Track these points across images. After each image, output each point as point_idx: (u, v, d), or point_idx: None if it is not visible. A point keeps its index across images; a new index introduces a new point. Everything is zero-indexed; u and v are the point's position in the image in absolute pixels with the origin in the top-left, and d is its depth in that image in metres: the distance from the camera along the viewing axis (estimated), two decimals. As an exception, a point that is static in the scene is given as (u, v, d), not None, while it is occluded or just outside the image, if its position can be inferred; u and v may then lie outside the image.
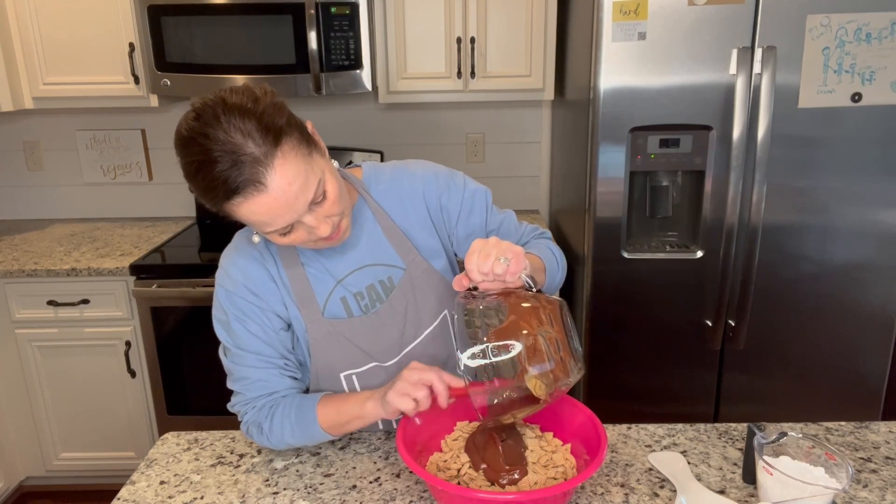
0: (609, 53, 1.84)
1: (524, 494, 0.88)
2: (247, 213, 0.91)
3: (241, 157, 0.86)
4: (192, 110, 0.89)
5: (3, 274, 2.23)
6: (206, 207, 0.94)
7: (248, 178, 0.86)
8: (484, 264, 0.90)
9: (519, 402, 0.94)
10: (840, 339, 2.03)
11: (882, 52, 1.80)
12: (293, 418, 1.07)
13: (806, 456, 0.93)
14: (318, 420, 1.05)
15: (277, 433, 1.08)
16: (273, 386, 1.10)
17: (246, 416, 1.11)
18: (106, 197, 2.85)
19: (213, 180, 0.87)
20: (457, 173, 1.19)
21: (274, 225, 0.92)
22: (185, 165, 0.90)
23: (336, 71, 2.24)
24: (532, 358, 0.89)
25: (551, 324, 0.91)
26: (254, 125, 0.87)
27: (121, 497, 1.04)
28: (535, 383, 0.90)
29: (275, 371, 1.10)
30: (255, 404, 1.10)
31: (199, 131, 0.86)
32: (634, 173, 1.96)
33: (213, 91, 0.91)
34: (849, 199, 1.92)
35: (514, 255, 0.91)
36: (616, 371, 2.10)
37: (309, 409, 1.06)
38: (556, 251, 1.20)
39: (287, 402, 1.08)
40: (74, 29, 2.30)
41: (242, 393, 1.11)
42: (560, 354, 0.90)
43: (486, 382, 0.93)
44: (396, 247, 1.13)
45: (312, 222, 0.95)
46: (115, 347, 2.31)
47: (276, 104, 0.91)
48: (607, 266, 2.00)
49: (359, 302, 1.12)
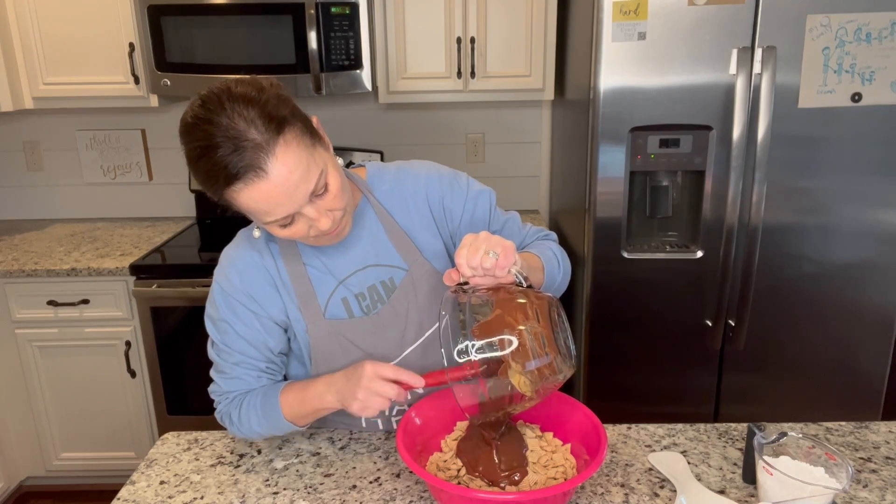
0: (609, 53, 1.84)
1: (524, 494, 0.88)
2: (247, 201, 0.90)
3: (243, 142, 0.86)
4: (197, 98, 0.91)
5: (3, 274, 2.23)
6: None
7: (249, 163, 0.87)
8: (473, 258, 0.90)
9: (507, 398, 0.94)
10: (840, 339, 2.03)
11: (882, 52, 1.80)
12: (259, 408, 1.09)
13: (806, 456, 0.93)
14: (281, 409, 1.08)
15: (246, 422, 1.10)
16: (249, 385, 1.12)
17: (219, 406, 1.14)
18: (106, 197, 2.84)
19: (214, 165, 0.87)
20: (460, 174, 1.19)
21: (274, 214, 0.92)
22: (188, 151, 0.90)
23: (336, 71, 2.24)
24: (516, 354, 0.88)
25: (538, 319, 0.90)
26: (257, 113, 0.87)
27: (121, 497, 1.04)
28: (520, 379, 0.89)
29: (254, 373, 1.12)
30: (227, 396, 1.13)
31: (204, 117, 0.87)
32: (634, 173, 1.96)
33: (219, 81, 0.92)
34: (849, 199, 1.92)
35: (504, 250, 0.91)
36: (616, 371, 2.09)
37: (273, 397, 1.08)
38: (558, 252, 1.19)
39: (254, 393, 1.11)
40: (74, 29, 2.30)
41: (219, 384, 1.13)
42: (545, 350, 0.89)
43: (466, 368, 0.93)
44: (399, 247, 1.13)
45: (313, 214, 0.95)
46: (115, 347, 2.31)
47: (280, 95, 0.92)
48: (607, 266, 2.00)
49: (360, 303, 1.12)
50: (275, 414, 1.07)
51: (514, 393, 0.92)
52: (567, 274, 1.20)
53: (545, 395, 0.93)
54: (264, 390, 1.10)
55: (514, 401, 0.94)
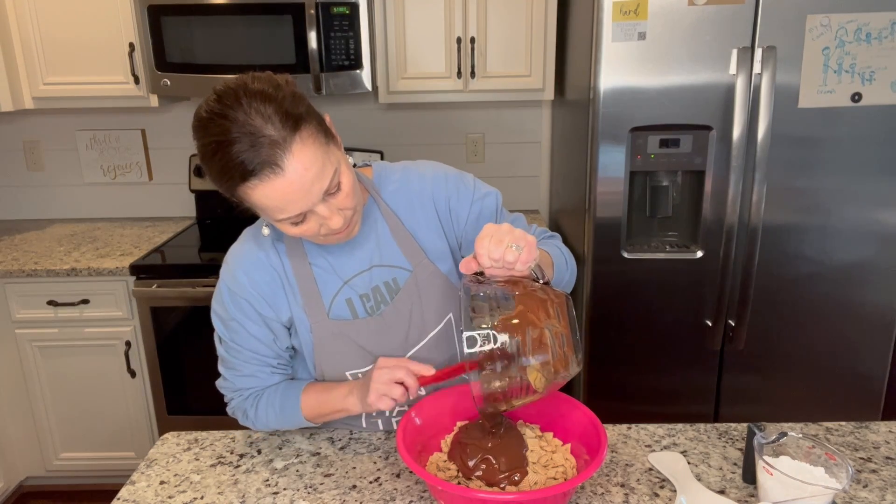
0: (609, 53, 1.84)
1: (524, 494, 0.88)
2: (261, 198, 0.90)
3: (260, 138, 0.86)
4: (213, 93, 0.90)
5: (3, 274, 2.23)
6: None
7: (266, 159, 0.86)
8: (495, 250, 0.89)
9: (516, 391, 0.94)
10: (840, 339, 2.03)
11: (882, 52, 1.80)
12: (277, 406, 1.11)
13: (806, 456, 0.93)
14: (301, 409, 1.10)
15: (262, 419, 1.13)
16: (262, 382, 1.14)
17: (232, 402, 1.16)
18: (106, 197, 2.84)
19: (230, 160, 0.86)
20: (467, 175, 1.19)
21: (287, 212, 0.92)
22: (203, 147, 0.90)
23: (336, 71, 2.24)
24: (536, 350, 0.89)
25: (558, 318, 0.91)
26: (274, 109, 0.87)
27: (121, 497, 1.04)
28: (536, 375, 0.90)
29: (266, 369, 1.13)
30: (242, 393, 1.14)
31: (220, 112, 0.87)
32: (634, 173, 1.96)
33: (235, 76, 0.92)
34: (849, 199, 1.92)
35: (527, 245, 0.90)
36: (616, 371, 2.09)
37: (293, 397, 1.11)
38: (565, 252, 1.20)
39: (272, 390, 1.13)
40: (74, 29, 2.30)
41: (231, 381, 1.14)
42: (563, 349, 0.91)
43: (482, 362, 0.92)
44: (403, 248, 1.13)
45: (325, 213, 0.95)
46: (115, 347, 2.31)
47: (295, 93, 0.92)
48: (607, 266, 2.00)
49: (364, 303, 1.12)
50: (294, 413, 1.10)
51: (524, 385, 0.92)
52: (573, 274, 1.21)
53: (552, 391, 0.94)
54: (283, 390, 1.12)
55: (524, 393, 0.94)
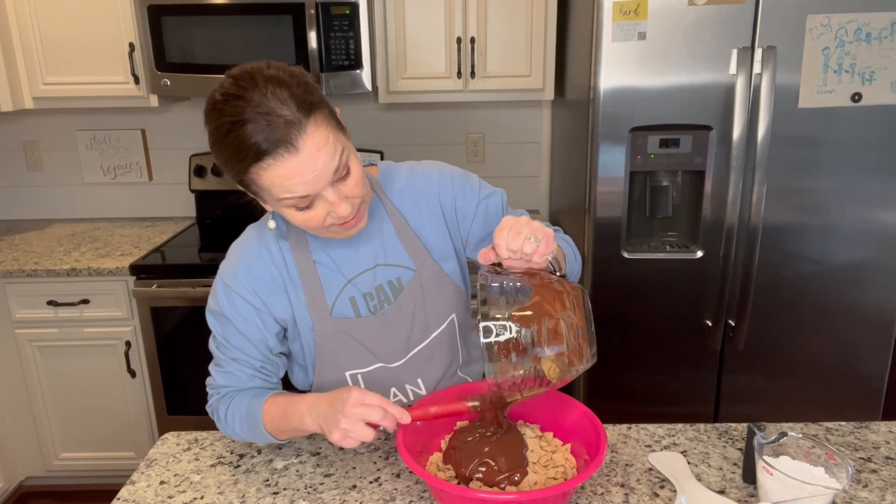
0: (609, 53, 1.84)
1: (524, 494, 0.88)
2: (272, 177, 0.90)
3: (275, 118, 0.87)
4: (228, 77, 0.92)
5: (3, 274, 2.23)
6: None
7: (281, 138, 0.87)
8: (514, 242, 0.90)
9: (530, 381, 0.94)
10: (840, 339, 2.03)
11: (882, 52, 1.80)
12: (244, 412, 1.08)
13: (806, 456, 0.93)
14: (262, 420, 1.06)
15: (230, 423, 1.09)
16: (241, 383, 1.11)
17: (210, 400, 1.13)
18: (106, 197, 2.84)
19: (244, 139, 0.87)
20: (472, 175, 1.19)
21: (297, 191, 0.92)
22: (216, 129, 0.90)
23: (336, 71, 2.24)
24: (552, 340, 0.90)
25: (574, 310, 0.92)
26: (289, 94, 0.88)
27: (121, 497, 1.04)
28: (551, 366, 0.91)
29: (249, 371, 1.11)
30: (219, 391, 1.12)
31: (235, 93, 0.88)
32: (634, 173, 1.96)
33: (251, 62, 0.93)
34: (849, 199, 1.92)
35: (545, 237, 0.91)
36: (616, 371, 2.09)
37: (257, 406, 1.07)
38: (573, 246, 1.21)
39: (242, 395, 1.10)
40: (74, 29, 2.30)
41: (213, 377, 1.13)
42: (578, 341, 0.91)
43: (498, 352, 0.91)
44: (408, 248, 1.13)
45: (333, 198, 0.95)
46: (115, 347, 2.31)
47: (309, 83, 0.93)
48: (607, 266, 2.00)
49: (367, 302, 1.12)
50: (256, 422, 1.06)
51: (539, 376, 0.92)
52: (580, 269, 1.22)
53: (564, 383, 0.94)
54: (252, 396, 1.08)
55: (538, 384, 0.94)
